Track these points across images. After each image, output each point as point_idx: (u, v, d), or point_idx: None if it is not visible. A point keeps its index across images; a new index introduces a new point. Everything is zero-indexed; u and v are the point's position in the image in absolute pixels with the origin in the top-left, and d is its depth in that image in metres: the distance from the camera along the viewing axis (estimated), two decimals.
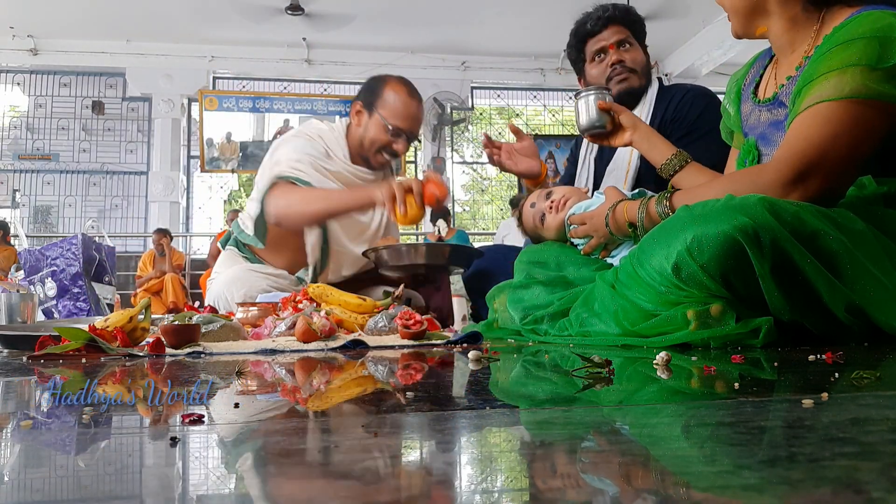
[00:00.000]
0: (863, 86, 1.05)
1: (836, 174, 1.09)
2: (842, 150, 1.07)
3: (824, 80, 1.09)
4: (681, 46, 8.06)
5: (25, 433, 0.51)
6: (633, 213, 1.34)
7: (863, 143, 1.08)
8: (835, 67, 1.08)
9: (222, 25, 7.39)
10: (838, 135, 1.07)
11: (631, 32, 1.96)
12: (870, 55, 1.05)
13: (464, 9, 7.16)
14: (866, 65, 1.05)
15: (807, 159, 1.08)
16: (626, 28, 1.96)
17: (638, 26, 1.99)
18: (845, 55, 1.08)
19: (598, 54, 1.95)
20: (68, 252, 4.49)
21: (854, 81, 1.06)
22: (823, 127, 1.07)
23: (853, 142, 1.07)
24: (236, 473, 0.39)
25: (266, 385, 0.83)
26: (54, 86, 8.20)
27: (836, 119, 1.07)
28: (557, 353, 1.06)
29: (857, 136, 1.07)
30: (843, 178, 1.11)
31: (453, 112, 8.49)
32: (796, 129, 1.12)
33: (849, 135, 1.07)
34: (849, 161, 1.09)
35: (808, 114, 1.10)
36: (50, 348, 1.13)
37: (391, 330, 1.48)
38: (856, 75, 1.05)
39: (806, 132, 1.09)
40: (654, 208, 1.29)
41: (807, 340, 1.02)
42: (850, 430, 0.41)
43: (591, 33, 1.96)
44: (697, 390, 0.66)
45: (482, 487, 0.34)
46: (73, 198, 8.22)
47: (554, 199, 1.63)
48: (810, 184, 1.08)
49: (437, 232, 6.61)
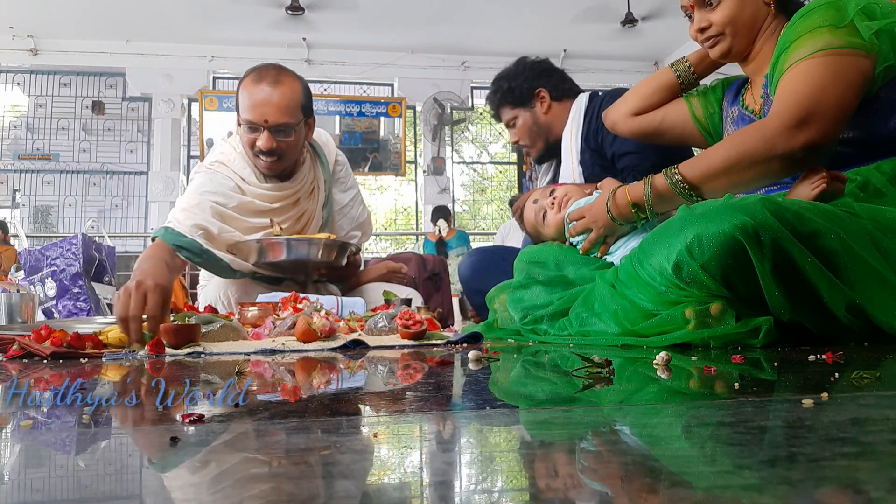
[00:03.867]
0: (833, 39, 1.18)
1: (831, 118, 1.17)
2: (831, 97, 1.17)
3: (797, 45, 1.21)
4: (681, 46, 8.05)
5: (25, 433, 0.51)
6: (637, 192, 1.34)
7: (847, 89, 1.18)
8: (803, 33, 1.21)
9: (222, 25, 7.39)
10: (825, 84, 1.17)
11: (509, 105, 2.14)
12: (831, 17, 1.20)
13: (464, 9, 7.15)
14: (830, 24, 1.19)
15: (803, 107, 1.17)
16: (503, 106, 2.16)
17: (507, 97, 2.13)
18: (809, 22, 1.22)
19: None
20: (68, 252, 4.49)
21: (824, 38, 1.19)
22: (809, 80, 1.18)
23: (839, 88, 1.17)
24: (236, 473, 0.39)
25: (266, 385, 0.83)
26: (54, 86, 8.19)
27: (817, 72, 1.18)
28: (557, 353, 1.06)
29: (840, 83, 1.17)
30: (838, 122, 1.19)
31: (453, 112, 8.48)
32: (785, 86, 1.21)
33: (833, 84, 1.17)
34: (840, 106, 1.18)
35: (791, 73, 1.21)
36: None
37: (391, 330, 1.48)
38: (824, 33, 1.19)
39: (795, 87, 1.19)
40: (661, 182, 1.29)
41: (807, 340, 1.02)
42: (850, 430, 0.41)
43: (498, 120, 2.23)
44: (697, 390, 0.66)
45: (482, 487, 0.34)
46: (73, 198, 8.22)
47: (556, 195, 1.63)
48: (811, 128, 1.16)
49: (437, 232, 6.62)
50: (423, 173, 8.49)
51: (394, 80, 8.48)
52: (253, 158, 1.92)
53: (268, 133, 1.84)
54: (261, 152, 1.87)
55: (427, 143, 8.43)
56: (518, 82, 2.12)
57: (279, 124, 1.84)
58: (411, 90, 8.37)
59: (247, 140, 1.88)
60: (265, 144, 1.84)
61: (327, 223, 2.14)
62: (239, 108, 1.89)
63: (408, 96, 8.33)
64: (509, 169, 9.42)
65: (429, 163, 8.43)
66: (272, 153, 1.87)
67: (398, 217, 9.57)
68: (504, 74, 2.18)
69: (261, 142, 1.84)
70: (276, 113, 1.83)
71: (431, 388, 0.71)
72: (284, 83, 1.87)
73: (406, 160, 8.46)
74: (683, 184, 1.25)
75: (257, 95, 1.84)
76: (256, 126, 1.84)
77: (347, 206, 2.25)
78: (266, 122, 1.83)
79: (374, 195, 9.80)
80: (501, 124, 2.24)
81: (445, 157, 8.54)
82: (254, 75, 1.88)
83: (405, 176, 8.79)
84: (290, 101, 1.85)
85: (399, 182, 9.79)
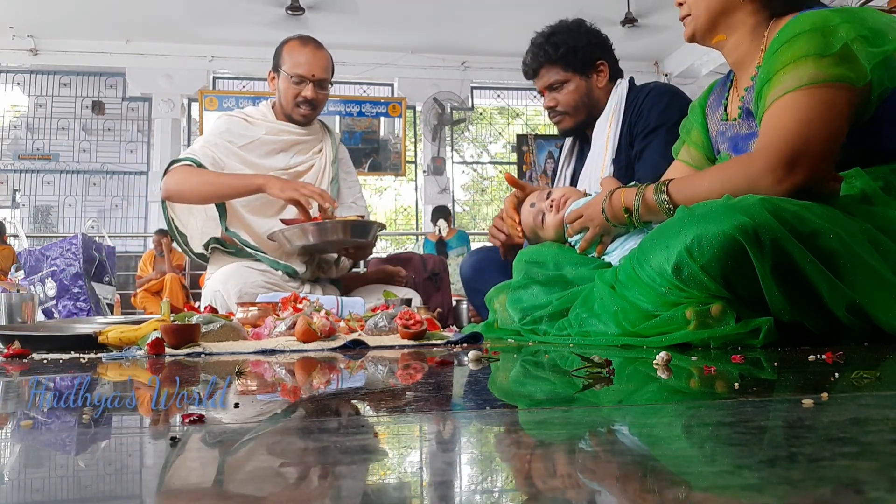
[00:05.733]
0: (819, 71, 1.11)
1: (820, 156, 1.12)
2: (820, 133, 1.11)
3: (781, 74, 1.15)
4: (681, 46, 8.05)
5: (25, 433, 0.51)
6: (629, 198, 1.33)
7: (835, 123, 1.12)
8: (787, 62, 1.15)
9: (222, 25, 7.38)
10: (811, 119, 1.11)
11: (562, 66, 1.93)
12: (816, 45, 1.12)
13: (464, 9, 7.15)
14: (815, 54, 1.12)
15: (791, 146, 1.11)
16: (554, 65, 1.94)
17: (568, 57, 1.93)
18: (793, 50, 1.14)
19: (541, 94, 2.03)
20: (68, 252, 4.49)
21: (809, 70, 1.12)
22: (796, 115, 1.12)
23: (826, 124, 1.11)
24: (236, 473, 0.39)
25: (266, 385, 0.83)
26: (54, 86, 8.19)
27: (804, 106, 1.12)
28: (557, 353, 1.06)
29: (828, 118, 1.12)
30: (827, 160, 1.14)
31: (453, 112, 8.48)
32: (771, 122, 1.16)
33: (821, 118, 1.11)
34: (828, 142, 1.13)
35: (777, 106, 1.15)
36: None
37: (391, 330, 1.48)
38: (808, 64, 1.12)
39: (781, 122, 1.14)
40: (650, 196, 1.29)
41: (807, 340, 1.02)
42: (850, 430, 0.41)
43: (531, 76, 2.02)
44: (697, 390, 0.66)
45: (482, 487, 0.34)
46: (73, 198, 8.22)
47: (554, 198, 1.63)
48: (800, 170, 1.11)
49: (437, 232, 6.61)
50: (423, 173, 8.49)
51: (394, 80, 8.49)
52: (293, 109, 2.27)
53: (312, 85, 2.24)
54: (304, 101, 2.25)
55: (427, 143, 8.43)
56: (583, 44, 1.92)
57: (322, 79, 2.27)
58: (411, 90, 8.37)
59: (292, 92, 2.24)
60: (310, 94, 2.24)
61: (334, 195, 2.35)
62: (284, 64, 2.25)
63: (408, 96, 8.33)
64: (509, 169, 9.42)
65: (429, 163, 8.44)
66: (312, 103, 2.27)
67: (398, 217, 9.58)
68: (563, 30, 1.95)
69: (306, 92, 2.23)
70: (321, 70, 2.25)
71: (431, 388, 0.71)
72: (323, 49, 2.32)
73: (406, 160, 8.46)
74: (669, 204, 1.24)
75: (306, 55, 2.25)
76: (304, 79, 2.23)
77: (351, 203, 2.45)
78: (313, 76, 2.24)
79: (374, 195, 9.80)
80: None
81: (445, 157, 8.54)
82: (298, 40, 2.29)
83: (405, 176, 8.79)
84: (328, 62, 2.30)
85: (399, 182, 9.80)
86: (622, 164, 1.86)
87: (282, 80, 2.26)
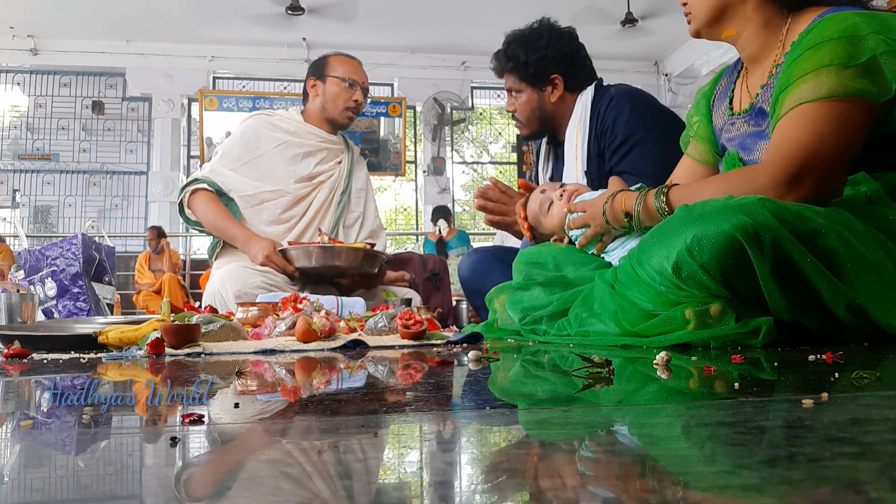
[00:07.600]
0: (839, 84, 1.07)
1: (828, 173, 1.10)
2: (830, 149, 1.08)
3: (801, 83, 1.10)
4: (681, 46, 8.05)
5: (25, 433, 0.51)
6: (630, 203, 1.32)
7: (849, 139, 1.09)
8: (809, 70, 1.10)
9: (222, 25, 7.39)
10: (824, 134, 1.08)
11: (517, 76, 1.94)
12: (841, 55, 1.07)
13: (464, 9, 7.16)
14: (839, 64, 1.07)
15: (798, 161, 1.09)
16: (510, 73, 1.96)
17: (518, 70, 1.93)
18: (817, 57, 1.09)
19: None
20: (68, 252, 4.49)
21: (830, 81, 1.07)
22: (809, 128, 1.09)
23: (840, 140, 1.08)
24: (234, 473, 0.39)
25: (266, 385, 0.83)
26: (54, 86, 8.19)
27: (819, 119, 1.08)
28: (557, 353, 1.06)
29: (842, 134, 1.08)
30: (836, 176, 1.12)
31: (453, 112, 8.48)
32: (782, 133, 1.12)
33: (834, 133, 1.08)
34: (839, 159, 1.10)
35: (790, 116, 1.11)
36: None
37: (391, 330, 1.48)
38: (831, 75, 1.07)
39: (792, 134, 1.10)
40: (651, 201, 1.28)
41: (807, 340, 1.02)
42: (850, 430, 0.40)
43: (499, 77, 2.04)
44: (697, 390, 0.66)
45: (482, 487, 0.34)
46: (73, 198, 8.22)
47: (567, 188, 1.61)
48: (804, 185, 1.09)
49: (437, 232, 6.61)
50: (423, 173, 8.49)
51: (394, 80, 8.48)
52: (340, 112, 2.45)
53: (361, 91, 2.47)
54: (354, 105, 2.46)
55: (427, 143, 8.43)
56: (535, 58, 1.90)
57: (366, 88, 2.53)
58: (411, 90, 8.37)
59: (345, 95, 2.44)
60: (360, 98, 2.47)
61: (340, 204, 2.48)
62: (333, 71, 2.46)
63: (408, 96, 8.33)
64: (509, 169, 9.42)
65: (429, 163, 8.44)
66: (358, 108, 2.49)
67: (398, 217, 9.58)
68: (522, 41, 1.93)
69: (357, 96, 2.46)
70: (366, 80, 2.52)
71: (431, 388, 0.71)
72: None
73: (406, 160, 8.46)
74: (668, 211, 1.23)
75: (354, 65, 2.51)
76: (356, 84, 2.45)
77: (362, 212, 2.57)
78: (363, 83, 2.49)
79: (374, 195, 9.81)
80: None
81: (445, 157, 8.54)
82: (342, 54, 2.55)
83: (405, 176, 8.80)
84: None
85: (399, 182, 9.80)
86: (594, 175, 1.84)
87: (331, 85, 2.44)
